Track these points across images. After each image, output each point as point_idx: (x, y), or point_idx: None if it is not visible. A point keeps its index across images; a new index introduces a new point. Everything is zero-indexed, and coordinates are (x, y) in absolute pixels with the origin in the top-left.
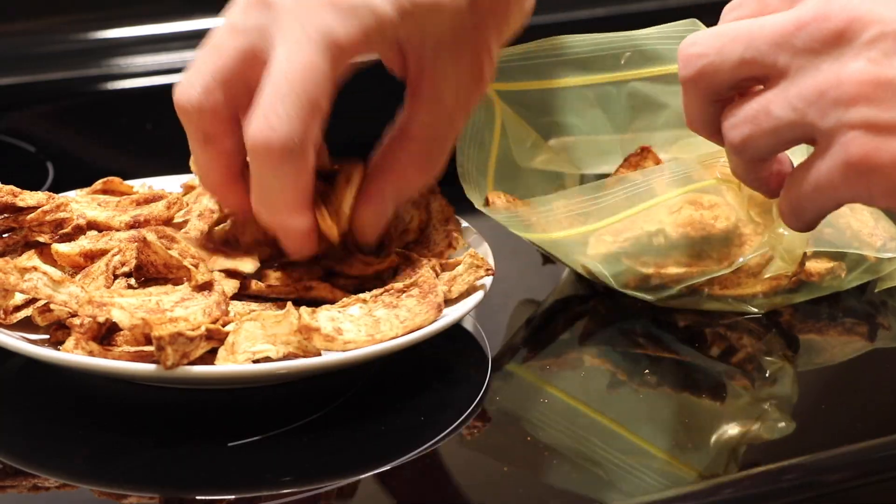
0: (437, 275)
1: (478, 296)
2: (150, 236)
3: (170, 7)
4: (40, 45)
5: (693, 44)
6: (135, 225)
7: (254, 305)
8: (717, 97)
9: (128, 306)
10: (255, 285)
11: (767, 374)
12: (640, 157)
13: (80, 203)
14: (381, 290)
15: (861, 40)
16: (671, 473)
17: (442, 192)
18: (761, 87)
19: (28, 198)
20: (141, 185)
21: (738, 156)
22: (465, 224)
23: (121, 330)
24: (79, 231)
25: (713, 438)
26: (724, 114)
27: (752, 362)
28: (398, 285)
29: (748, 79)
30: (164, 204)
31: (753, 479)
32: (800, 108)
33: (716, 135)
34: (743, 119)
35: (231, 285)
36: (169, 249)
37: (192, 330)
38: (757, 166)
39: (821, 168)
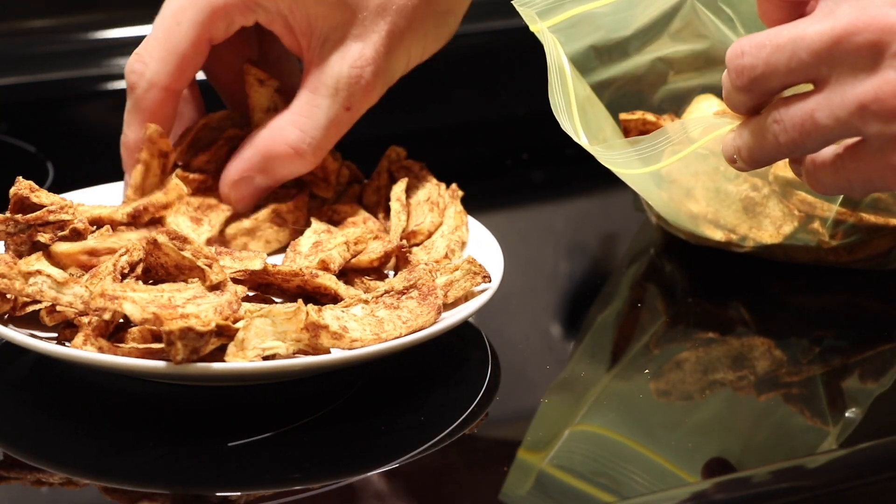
0: (434, 278)
1: (484, 297)
2: (162, 238)
3: None
4: (40, 45)
5: (741, 55)
6: (135, 214)
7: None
8: (766, 98)
9: (140, 300)
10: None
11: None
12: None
13: (84, 206)
14: (381, 290)
15: (892, 51)
16: (670, 474)
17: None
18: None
19: (43, 196)
20: None
21: (785, 156)
22: (480, 226)
23: (130, 327)
24: (77, 235)
25: (713, 439)
26: (768, 116)
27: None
28: (398, 287)
29: (796, 82)
30: (162, 191)
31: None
32: (843, 118)
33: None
34: (791, 125)
35: (239, 290)
36: (182, 250)
37: (203, 326)
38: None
39: (872, 164)
